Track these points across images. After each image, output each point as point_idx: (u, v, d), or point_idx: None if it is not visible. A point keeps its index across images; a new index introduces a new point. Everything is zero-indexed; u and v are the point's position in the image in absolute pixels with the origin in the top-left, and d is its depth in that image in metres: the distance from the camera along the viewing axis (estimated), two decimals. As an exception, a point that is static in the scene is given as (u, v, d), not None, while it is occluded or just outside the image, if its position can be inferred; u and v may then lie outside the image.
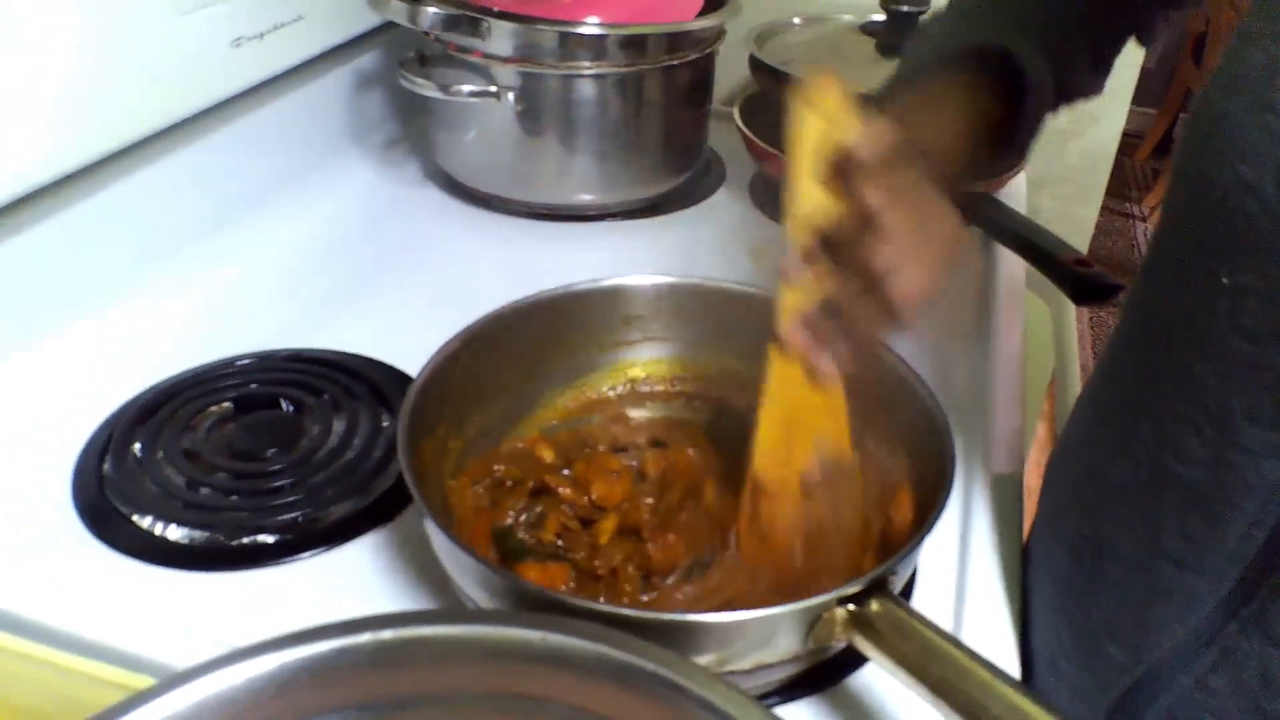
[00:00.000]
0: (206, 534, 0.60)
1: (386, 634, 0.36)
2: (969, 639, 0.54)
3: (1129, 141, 3.95)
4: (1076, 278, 0.73)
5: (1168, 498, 0.44)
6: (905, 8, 0.97)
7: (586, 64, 0.88)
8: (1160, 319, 0.46)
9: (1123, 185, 3.70)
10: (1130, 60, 1.41)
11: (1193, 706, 0.43)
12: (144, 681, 0.49)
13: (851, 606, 0.46)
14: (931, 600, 0.58)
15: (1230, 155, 0.39)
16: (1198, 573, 0.42)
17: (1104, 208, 1.68)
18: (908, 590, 0.58)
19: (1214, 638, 0.42)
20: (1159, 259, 0.47)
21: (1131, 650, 0.46)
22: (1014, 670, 0.53)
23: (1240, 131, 0.39)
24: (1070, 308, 1.31)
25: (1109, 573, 0.47)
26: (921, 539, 0.50)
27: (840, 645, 0.49)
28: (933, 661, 0.44)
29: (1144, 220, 3.50)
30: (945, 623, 0.57)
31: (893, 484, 0.59)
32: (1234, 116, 0.39)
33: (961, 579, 0.59)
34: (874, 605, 0.46)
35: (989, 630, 0.56)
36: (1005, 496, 0.65)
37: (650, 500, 0.61)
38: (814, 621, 0.46)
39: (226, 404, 0.69)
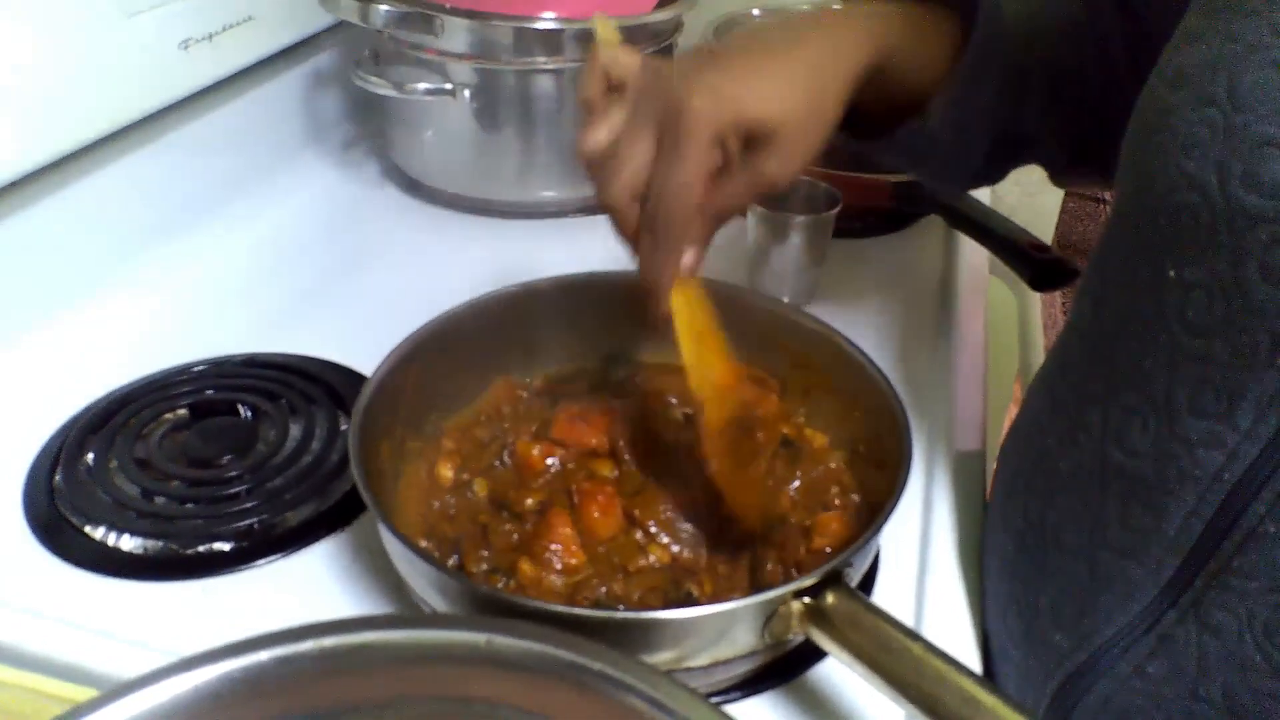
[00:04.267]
0: (161, 543, 0.59)
1: (329, 641, 0.36)
2: (931, 625, 0.55)
3: (1097, 127, 3.98)
4: (1035, 264, 0.74)
5: (1111, 487, 0.44)
6: (863, -3, 0.97)
7: (542, 59, 0.87)
8: (1109, 310, 0.46)
9: (1092, 171, 3.71)
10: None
11: (1130, 693, 0.44)
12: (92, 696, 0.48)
13: (807, 599, 0.46)
14: (894, 587, 0.58)
15: (1174, 149, 0.39)
16: (1139, 562, 0.42)
17: (1073, 194, 1.68)
18: (871, 576, 0.58)
19: (1153, 625, 0.42)
20: (1108, 250, 0.47)
21: (1074, 637, 0.46)
22: (973, 657, 0.54)
23: (1184, 125, 0.39)
24: (1035, 295, 1.31)
25: (1054, 560, 0.47)
26: (878, 529, 0.50)
27: (798, 639, 0.48)
28: (888, 653, 0.44)
29: (1113, 205, 3.51)
30: (907, 609, 0.57)
31: (834, 474, 0.60)
32: (1177, 110, 0.39)
33: (923, 564, 0.59)
34: (829, 598, 0.46)
35: (950, 617, 0.56)
36: (968, 478, 0.65)
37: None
38: (769, 616, 0.46)
39: (182, 411, 0.68)
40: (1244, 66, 0.37)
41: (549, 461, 0.60)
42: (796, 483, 0.59)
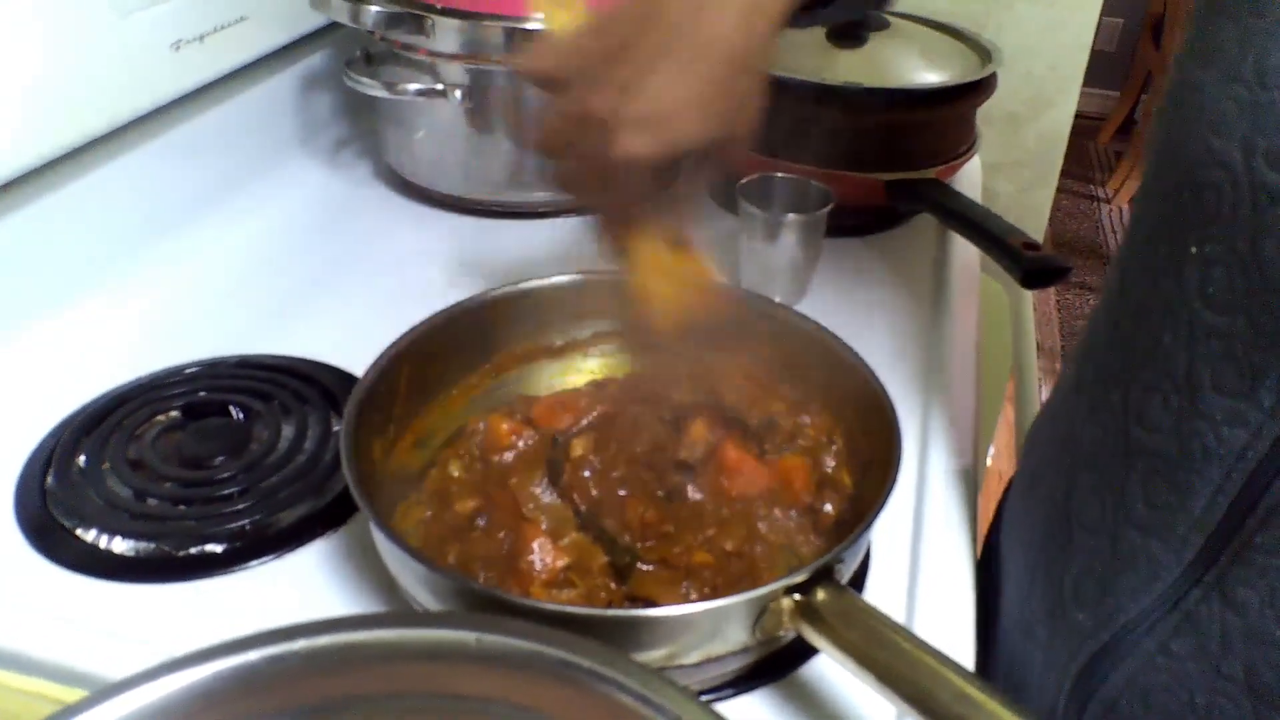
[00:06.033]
0: (153, 545, 0.59)
1: (320, 640, 0.36)
2: (922, 622, 0.55)
3: (1091, 124, 3.98)
4: (1025, 262, 0.74)
5: (1135, 466, 0.44)
6: (854, -5, 0.97)
7: (534, 59, 0.87)
8: (1132, 288, 0.46)
9: (1086, 168, 3.73)
10: (1081, 42, 1.42)
11: (1155, 670, 0.44)
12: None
13: (798, 596, 0.46)
14: (885, 583, 0.58)
15: (1201, 126, 0.39)
16: (1163, 540, 0.42)
17: (1068, 191, 1.69)
18: (861, 575, 0.58)
19: (1178, 603, 0.42)
20: (1135, 228, 0.47)
21: (1098, 617, 0.46)
22: (966, 653, 0.54)
23: (1211, 102, 0.39)
24: (1028, 292, 1.32)
25: (1078, 539, 0.47)
26: (868, 526, 0.50)
27: (790, 635, 0.49)
28: (880, 649, 0.44)
29: (1108, 203, 3.52)
30: (898, 605, 0.57)
31: (834, 469, 0.60)
32: (1206, 87, 0.39)
33: (915, 561, 0.59)
34: (820, 594, 0.46)
35: (942, 613, 0.56)
36: (960, 475, 0.65)
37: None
38: (760, 612, 0.46)
39: (174, 412, 0.68)
40: (1271, 43, 0.36)
41: (517, 440, 0.61)
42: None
